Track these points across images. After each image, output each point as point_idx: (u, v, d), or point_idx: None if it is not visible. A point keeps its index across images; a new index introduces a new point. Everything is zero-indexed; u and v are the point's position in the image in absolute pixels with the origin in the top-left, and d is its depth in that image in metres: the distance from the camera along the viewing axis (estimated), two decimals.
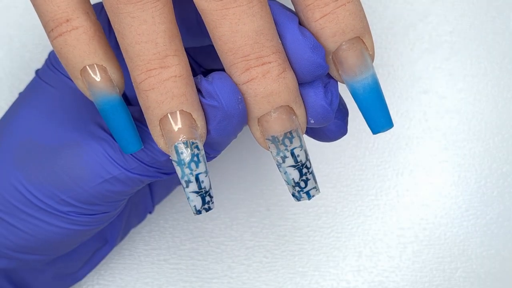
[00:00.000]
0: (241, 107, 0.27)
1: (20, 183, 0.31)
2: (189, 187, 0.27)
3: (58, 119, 0.32)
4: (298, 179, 0.28)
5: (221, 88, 0.27)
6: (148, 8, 0.26)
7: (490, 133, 0.46)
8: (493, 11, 0.46)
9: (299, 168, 0.28)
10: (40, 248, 0.33)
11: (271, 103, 0.27)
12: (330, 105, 0.29)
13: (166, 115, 0.27)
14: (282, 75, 0.27)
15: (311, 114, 0.28)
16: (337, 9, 0.27)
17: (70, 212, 0.31)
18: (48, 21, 0.27)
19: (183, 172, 0.27)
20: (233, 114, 0.27)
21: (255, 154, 0.45)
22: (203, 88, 0.27)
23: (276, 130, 0.27)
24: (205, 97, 0.27)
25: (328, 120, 0.29)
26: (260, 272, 0.44)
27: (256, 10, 0.26)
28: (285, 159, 0.28)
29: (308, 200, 0.29)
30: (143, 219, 0.41)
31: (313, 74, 0.27)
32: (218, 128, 0.28)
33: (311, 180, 0.29)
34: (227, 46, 0.26)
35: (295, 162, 0.28)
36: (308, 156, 0.28)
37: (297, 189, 0.29)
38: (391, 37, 0.46)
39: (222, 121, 0.27)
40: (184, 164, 0.27)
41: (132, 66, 0.26)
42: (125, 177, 0.30)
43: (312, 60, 0.27)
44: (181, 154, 0.27)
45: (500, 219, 0.45)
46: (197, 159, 0.27)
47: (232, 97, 0.27)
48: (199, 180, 0.27)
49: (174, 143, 0.27)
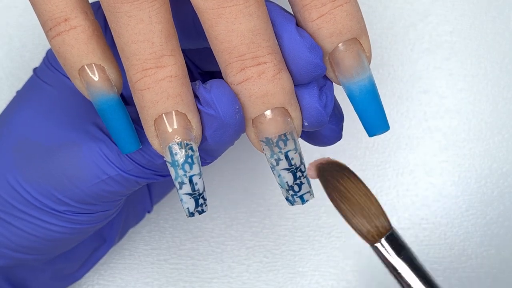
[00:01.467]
0: (238, 117, 0.27)
1: (17, 181, 0.31)
2: (183, 189, 0.27)
3: (56, 119, 0.32)
4: (292, 183, 0.28)
5: (219, 98, 0.27)
6: (145, 7, 0.25)
7: (490, 133, 0.46)
8: (493, 11, 0.46)
9: (293, 171, 0.28)
10: (38, 247, 0.33)
11: (266, 104, 0.27)
12: (324, 108, 0.28)
13: (161, 115, 0.26)
14: (277, 76, 0.26)
15: (305, 116, 0.28)
16: (334, 10, 0.27)
17: (66, 211, 0.31)
18: (46, 20, 0.27)
19: (177, 174, 0.27)
20: (230, 123, 0.27)
21: (255, 154, 0.45)
22: (201, 95, 0.27)
23: (271, 132, 0.27)
24: (202, 104, 0.27)
25: (322, 123, 0.28)
26: (260, 272, 0.44)
27: (253, 10, 0.26)
28: (279, 162, 0.28)
29: (302, 204, 0.28)
30: (141, 219, 0.40)
31: (311, 75, 0.27)
32: (214, 136, 0.27)
33: (305, 184, 0.28)
34: (223, 45, 0.26)
35: (289, 165, 0.28)
36: (303, 160, 0.28)
37: (291, 193, 0.28)
38: (391, 37, 0.46)
39: (218, 129, 0.27)
40: (178, 165, 0.27)
41: (128, 65, 0.26)
42: (121, 178, 0.30)
43: (310, 60, 0.27)
44: (175, 155, 0.27)
45: (500, 219, 0.45)
46: (191, 160, 0.27)
47: (229, 107, 0.27)
48: (193, 182, 0.27)
49: (169, 144, 0.27)
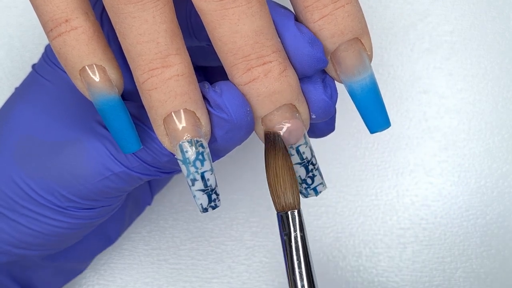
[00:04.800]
0: (249, 119, 0.27)
1: (21, 178, 0.31)
2: (195, 185, 0.27)
3: (58, 115, 0.32)
4: (305, 176, 0.28)
5: (231, 101, 0.27)
6: (148, 8, 0.25)
7: (490, 133, 0.46)
8: (493, 11, 0.46)
9: (305, 165, 0.28)
10: (41, 242, 0.33)
11: (274, 102, 0.27)
12: (330, 98, 0.29)
13: (170, 114, 0.27)
14: (283, 74, 0.27)
15: (313, 109, 0.28)
16: (336, 11, 0.27)
17: (69, 207, 0.31)
18: (47, 21, 0.27)
19: (189, 171, 0.27)
20: (241, 126, 0.27)
21: (255, 154, 0.45)
22: (211, 99, 0.27)
23: (280, 129, 0.27)
24: (213, 107, 0.27)
25: (329, 114, 0.29)
26: (260, 272, 0.44)
27: (255, 10, 0.26)
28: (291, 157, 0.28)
29: (316, 196, 0.29)
30: (142, 211, 0.41)
31: (314, 68, 0.28)
32: (225, 137, 0.28)
33: (318, 176, 0.29)
34: (227, 47, 0.26)
35: (301, 160, 0.28)
36: (313, 153, 0.28)
37: (304, 186, 0.29)
38: (391, 37, 0.46)
39: (229, 131, 0.27)
40: (189, 162, 0.27)
41: (134, 66, 0.26)
42: (125, 175, 0.30)
43: (312, 54, 0.27)
44: (186, 153, 0.27)
45: (500, 219, 0.45)
46: (202, 157, 0.27)
47: (241, 110, 0.27)
48: (205, 178, 0.27)
49: (179, 142, 0.27)
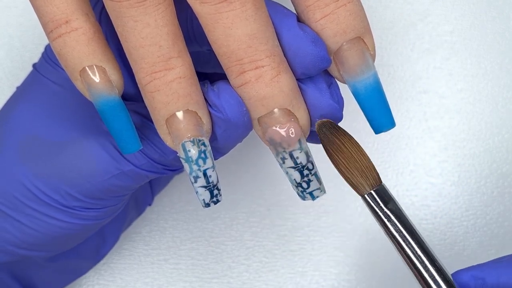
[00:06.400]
0: (246, 119, 0.28)
1: (27, 178, 0.31)
2: (198, 182, 0.28)
3: (62, 114, 0.32)
4: (300, 180, 0.28)
5: (227, 102, 0.27)
6: (150, 11, 0.26)
7: (490, 133, 0.46)
8: (493, 11, 0.46)
9: (300, 169, 0.28)
10: (45, 243, 0.33)
11: (266, 106, 0.27)
12: (338, 103, 0.29)
13: (173, 115, 0.27)
14: (275, 79, 0.27)
15: (322, 115, 0.28)
16: (337, 10, 0.27)
17: (76, 207, 0.31)
18: (47, 22, 0.27)
19: (191, 169, 0.28)
20: (238, 125, 0.28)
21: (255, 154, 0.45)
22: (210, 100, 0.28)
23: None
24: (211, 107, 0.28)
25: (338, 119, 0.29)
26: (260, 272, 0.44)
27: (250, 14, 0.26)
28: (284, 160, 0.28)
29: (313, 200, 0.29)
30: (143, 211, 0.41)
31: (318, 68, 0.28)
32: (224, 136, 0.28)
33: (314, 181, 0.29)
34: (222, 50, 0.26)
35: (295, 164, 0.28)
36: (310, 158, 0.28)
37: (300, 189, 0.29)
38: (391, 37, 0.46)
39: (227, 130, 0.28)
40: (192, 161, 0.27)
41: (137, 69, 0.27)
42: (133, 173, 0.31)
43: (316, 53, 0.27)
44: (188, 152, 0.27)
45: (500, 219, 0.45)
46: (204, 155, 0.27)
47: (237, 110, 0.27)
48: (207, 175, 0.28)
49: (181, 142, 0.27)
